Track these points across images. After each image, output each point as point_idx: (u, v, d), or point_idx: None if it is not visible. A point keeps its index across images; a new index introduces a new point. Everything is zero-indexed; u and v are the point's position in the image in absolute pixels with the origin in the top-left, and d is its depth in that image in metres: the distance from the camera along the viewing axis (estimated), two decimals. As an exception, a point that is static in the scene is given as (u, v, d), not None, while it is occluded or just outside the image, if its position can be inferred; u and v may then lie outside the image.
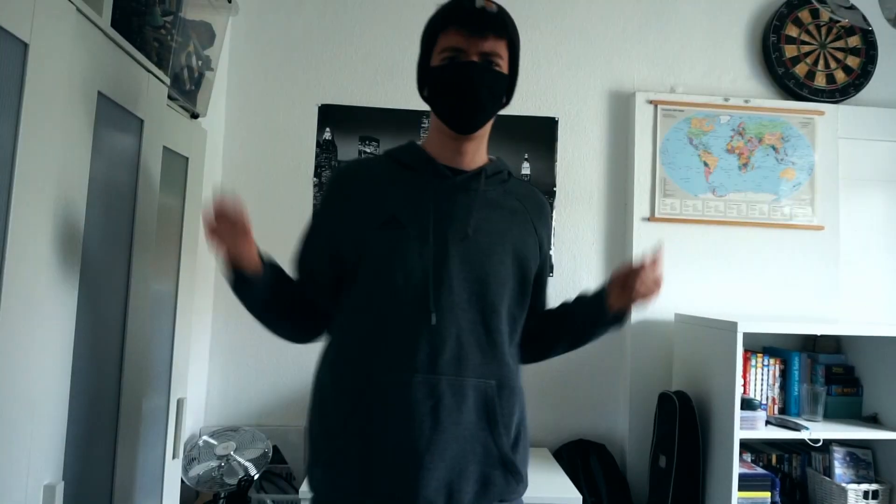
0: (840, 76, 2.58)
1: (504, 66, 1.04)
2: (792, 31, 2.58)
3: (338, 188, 1.11)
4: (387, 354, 1.00)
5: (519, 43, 1.07)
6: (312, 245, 1.13)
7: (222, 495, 1.98)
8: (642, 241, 2.44)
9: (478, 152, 1.12)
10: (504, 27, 1.03)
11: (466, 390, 0.99)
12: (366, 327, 1.02)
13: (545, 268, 1.19)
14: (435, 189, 1.05)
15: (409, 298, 0.99)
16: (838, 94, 2.56)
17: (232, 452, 2.05)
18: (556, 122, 2.51)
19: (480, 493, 1.01)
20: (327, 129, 2.45)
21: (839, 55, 2.59)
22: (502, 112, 1.12)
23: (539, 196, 1.20)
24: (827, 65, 2.58)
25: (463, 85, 1.02)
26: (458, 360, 1.00)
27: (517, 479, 1.06)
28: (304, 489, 1.81)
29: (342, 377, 1.04)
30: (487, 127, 1.11)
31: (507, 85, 1.07)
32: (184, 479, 1.92)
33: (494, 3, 1.03)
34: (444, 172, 1.07)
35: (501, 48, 1.03)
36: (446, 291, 1.00)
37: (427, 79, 1.07)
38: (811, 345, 2.34)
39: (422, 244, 1.01)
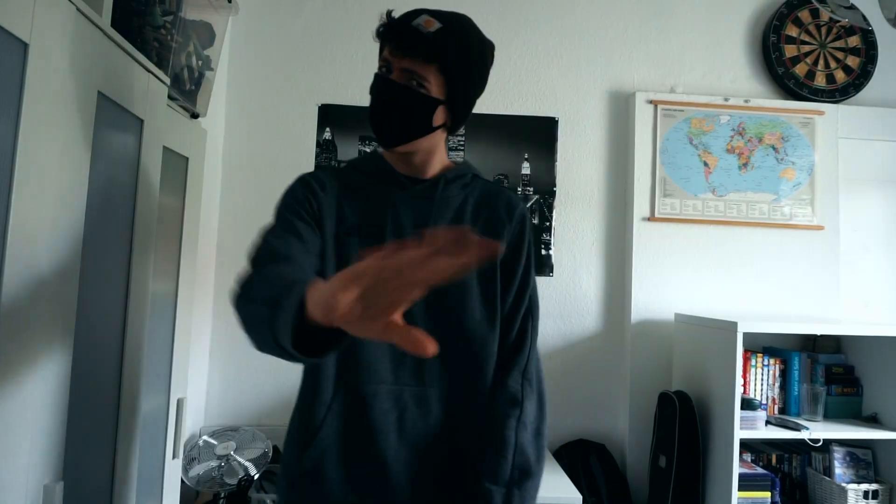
0: (840, 76, 2.58)
1: (434, 90, 0.98)
2: (792, 30, 2.58)
3: (300, 195, 1.06)
4: (350, 366, 1.00)
5: (464, 67, 1.00)
6: (292, 224, 1.06)
7: (222, 495, 1.98)
8: (642, 241, 2.44)
9: (430, 163, 1.08)
10: (434, 52, 0.95)
11: (429, 401, 1.00)
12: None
13: (511, 281, 1.08)
14: (394, 198, 1.05)
15: None
16: (838, 93, 2.56)
17: (232, 452, 2.05)
18: (556, 121, 2.52)
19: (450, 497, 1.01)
20: (327, 129, 2.45)
21: (839, 55, 2.59)
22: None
23: (508, 198, 1.13)
24: (827, 65, 2.58)
25: (382, 101, 1.00)
26: (420, 371, 1.00)
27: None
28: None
29: (308, 389, 1.05)
30: (424, 142, 1.04)
31: (432, 107, 0.99)
32: (184, 478, 1.92)
33: (441, 22, 0.97)
34: (403, 181, 1.06)
35: (427, 71, 0.96)
36: None
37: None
38: (811, 345, 2.34)
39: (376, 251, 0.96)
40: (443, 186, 1.07)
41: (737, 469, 1.89)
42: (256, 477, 2.01)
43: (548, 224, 2.48)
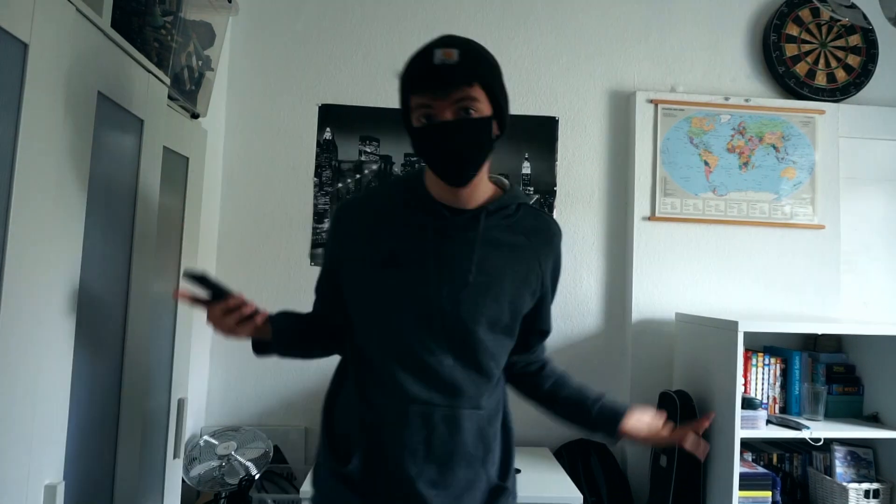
0: (840, 75, 2.58)
1: (482, 107, 0.99)
2: (792, 29, 2.57)
3: (340, 225, 1.13)
4: (386, 385, 1.05)
5: (494, 76, 1.02)
6: (325, 277, 1.18)
7: (223, 495, 1.98)
8: (643, 241, 2.44)
9: (476, 191, 1.08)
10: (468, 73, 0.97)
11: (461, 421, 1.04)
12: (369, 358, 1.07)
13: (546, 298, 1.16)
14: (435, 229, 1.05)
15: (404, 334, 1.04)
16: (839, 92, 2.56)
17: (233, 452, 2.05)
18: (557, 121, 2.51)
19: None
20: (327, 129, 2.45)
21: (840, 54, 2.59)
22: None
23: (550, 227, 1.16)
24: (827, 64, 2.58)
25: (443, 149, 0.99)
26: (452, 393, 1.04)
27: (507, 496, 1.12)
28: (305, 489, 1.81)
29: (349, 402, 1.10)
30: (483, 168, 1.06)
31: (489, 125, 1.01)
32: (185, 478, 1.93)
33: (458, 46, 0.98)
34: (443, 213, 1.06)
35: (473, 91, 0.97)
36: (439, 328, 1.03)
37: (411, 136, 1.04)
38: (812, 344, 2.33)
39: (420, 285, 1.03)
40: (484, 220, 1.06)
41: (738, 468, 1.89)
42: (257, 477, 2.01)
43: (548, 223, 2.48)
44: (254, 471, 2.01)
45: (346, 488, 1.06)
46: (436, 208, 1.06)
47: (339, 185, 2.44)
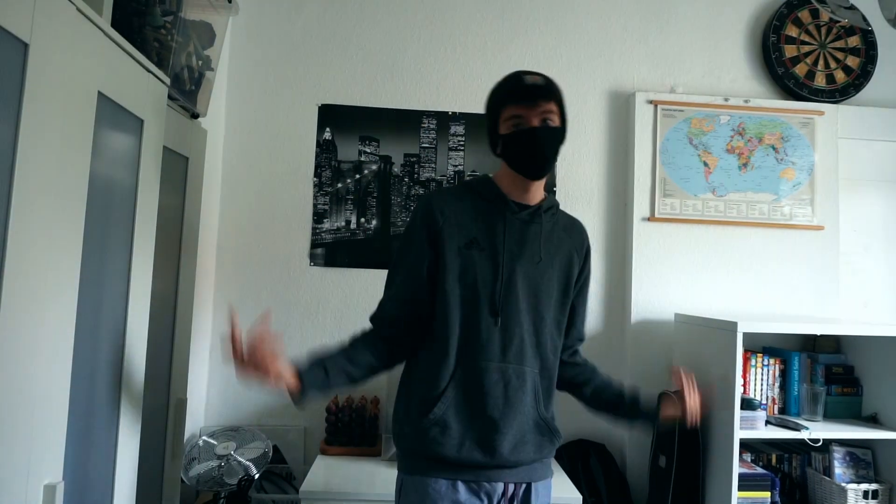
0: (840, 76, 2.58)
1: (557, 119, 1.29)
2: (792, 31, 2.58)
3: (432, 211, 1.32)
4: (469, 346, 1.27)
5: (563, 100, 1.32)
6: (413, 262, 1.33)
7: (222, 495, 1.98)
8: (642, 241, 2.44)
9: (540, 188, 1.37)
10: (550, 92, 1.28)
11: (525, 376, 1.29)
12: (451, 323, 1.28)
13: (585, 289, 1.44)
14: (507, 220, 1.32)
15: (485, 304, 1.28)
16: (838, 94, 2.56)
17: (232, 452, 2.05)
18: (556, 122, 2.51)
19: (535, 451, 1.32)
20: (327, 129, 2.45)
21: (839, 55, 2.59)
22: None
23: (580, 227, 1.46)
24: (827, 65, 2.58)
25: (532, 148, 1.28)
26: (521, 353, 1.29)
27: (558, 437, 1.37)
28: (305, 488, 1.81)
29: (436, 362, 1.29)
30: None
31: (563, 133, 1.32)
32: (184, 478, 1.93)
33: (539, 75, 1.30)
34: (512, 207, 1.33)
35: (553, 107, 1.28)
36: (513, 301, 1.29)
37: (499, 143, 1.31)
38: (811, 345, 2.33)
39: (495, 263, 1.29)
40: (543, 214, 1.35)
41: (737, 469, 1.89)
42: (256, 477, 2.01)
43: (548, 224, 2.48)
44: (253, 471, 2.01)
45: (436, 427, 1.26)
46: (508, 203, 1.33)
47: (339, 185, 2.44)
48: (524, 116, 1.27)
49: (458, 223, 1.31)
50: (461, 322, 1.28)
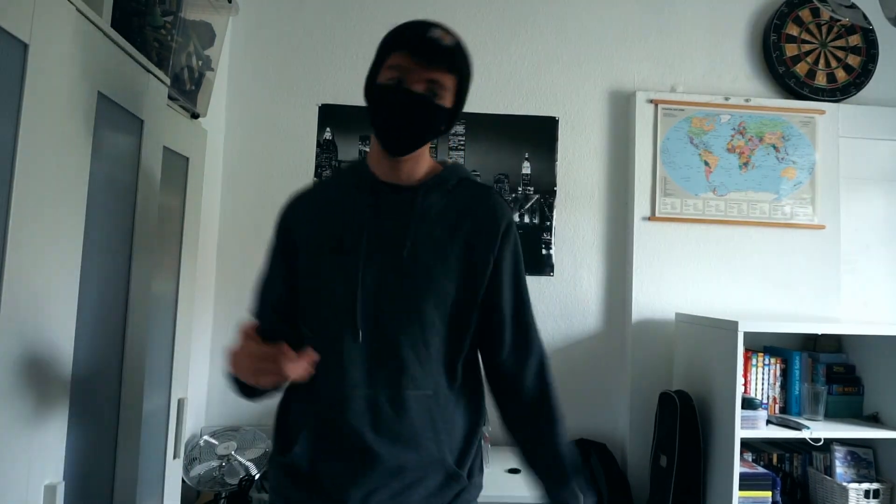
0: (841, 75, 2.58)
1: (447, 98, 1.04)
2: (792, 29, 2.57)
3: (283, 222, 1.13)
4: (330, 372, 1.03)
5: (469, 78, 1.07)
6: (274, 278, 1.13)
7: (223, 495, 1.98)
8: (643, 241, 2.44)
9: (416, 168, 1.10)
10: (453, 61, 1.03)
11: (407, 402, 1.03)
12: (317, 347, 1.01)
13: (509, 284, 1.11)
14: (372, 208, 1.06)
15: (343, 319, 1.03)
16: (839, 93, 2.56)
17: (233, 452, 2.05)
18: (557, 121, 2.51)
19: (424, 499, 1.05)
20: (327, 129, 2.45)
21: (840, 54, 2.59)
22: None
23: (491, 202, 1.11)
24: (828, 64, 2.58)
25: (399, 111, 1.03)
26: (398, 374, 1.02)
27: (459, 482, 1.07)
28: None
29: (296, 397, 1.11)
30: (422, 148, 1.09)
31: (446, 117, 1.05)
32: (185, 478, 1.93)
33: (452, 36, 1.04)
34: (382, 189, 1.07)
35: (448, 80, 1.03)
36: (377, 311, 1.03)
37: (372, 93, 1.08)
38: (812, 344, 2.33)
39: (360, 267, 1.03)
40: (423, 195, 1.07)
41: (738, 468, 1.89)
42: (257, 477, 2.01)
43: (548, 224, 2.48)
44: (254, 471, 2.01)
45: (287, 478, 1.07)
46: (377, 187, 1.08)
47: (339, 185, 2.43)
48: (408, 73, 1.00)
49: (318, 229, 1.07)
50: (320, 343, 1.02)
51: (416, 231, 1.05)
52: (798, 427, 2.01)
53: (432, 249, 1.05)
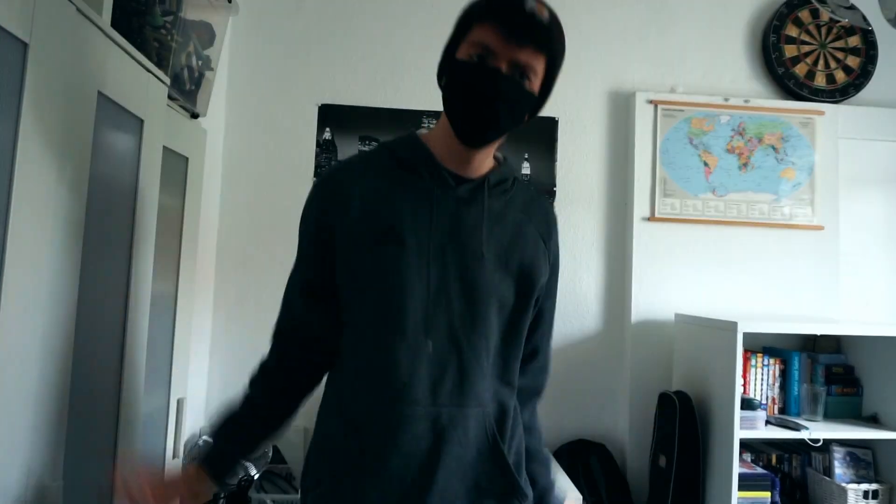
0: (840, 76, 2.58)
1: (536, 84, 0.91)
2: (792, 30, 2.58)
3: (318, 202, 0.97)
4: (387, 386, 0.90)
5: (561, 63, 0.93)
6: (306, 269, 1.02)
7: (222, 495, 1.98)
8: (642, 241, 2.44)
9: (486, 160, 0.98)
10: (549, 41, 0.89)
11: (469, 420, 0.92)
12: (366, 355, 0.93)
13: (553, 289, 1.07)
14: (437, 199, 0.93)
15: (409, 322, 0.90)
16: (838, 93, 2.56)
17: (232, 452, 2.05)
18: (556, 122, 2.51)
19: None
20: (327, 129, 2.45)
21: (839, 55, 2.59)
22: None
23: (544, 205, 1.08)
24: (827, 65, 2.58)
25: (482, 94, 0.88)
26: (461, 389, 0.91)
27: (522, 499, 0.99)
28: (304, 489, 1.81)
29: (345, 407, 0.96)
30: (500, 139, 0.98)
31: (531, 103, 0.93)
32: (184, 478, 1.92)
33: (548, 9, 0.88)
34: (448, 180, 0.94)
35: (539, 63, 0.89)
36: (447, 316, 0.91)
37: (448, 69, 0.93)
38: (811, 345, 2.33)
39: (422, 264, 0.90)
40: (491, 190, 0.96)
41: (737, 469, 1.89)
42: (257, 477, 2.01)
43: (548, 224, 2.48)
44: (253, 471, 2.01)
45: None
46: (440, 173, 0.94)
47: (339, 185, 2.43)
48: (495, 51, 0.87)
49: (366, 208, 0.92)
50: (374, 351, 0.91)
51: (488, 230, 0.94)
52: (797, 428, 2.01)
53: (495, 250, 0.94)
